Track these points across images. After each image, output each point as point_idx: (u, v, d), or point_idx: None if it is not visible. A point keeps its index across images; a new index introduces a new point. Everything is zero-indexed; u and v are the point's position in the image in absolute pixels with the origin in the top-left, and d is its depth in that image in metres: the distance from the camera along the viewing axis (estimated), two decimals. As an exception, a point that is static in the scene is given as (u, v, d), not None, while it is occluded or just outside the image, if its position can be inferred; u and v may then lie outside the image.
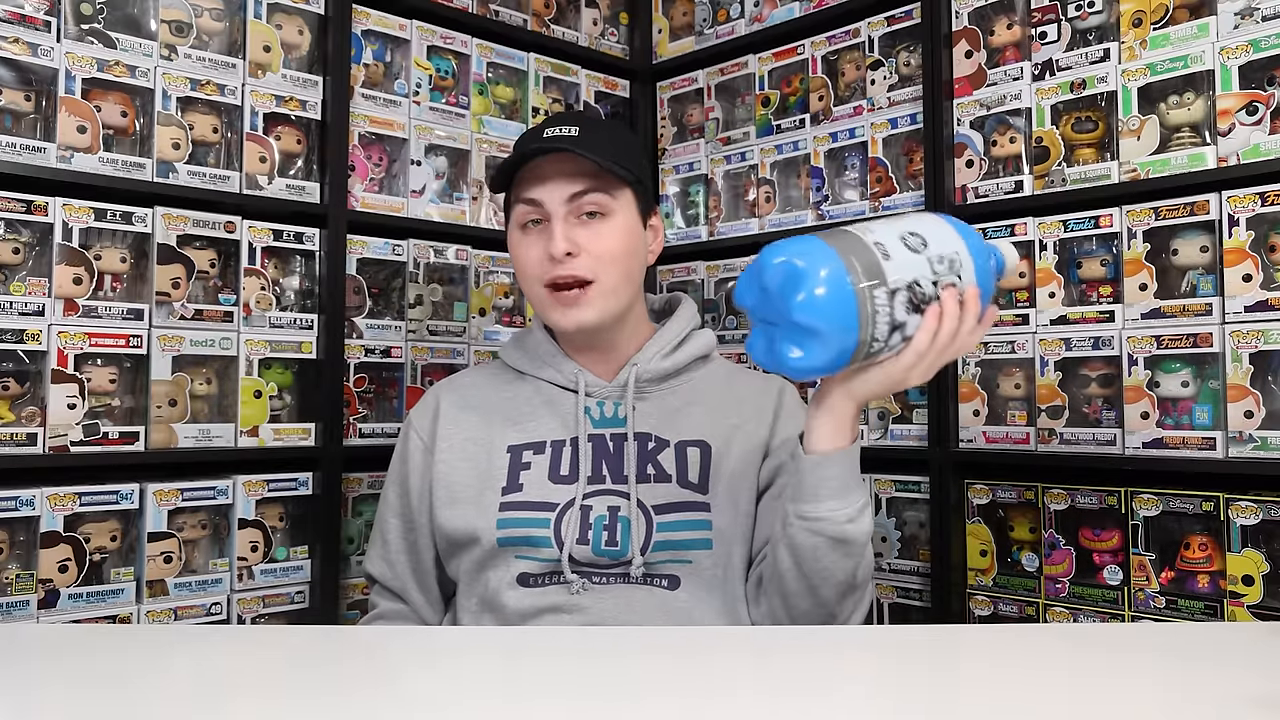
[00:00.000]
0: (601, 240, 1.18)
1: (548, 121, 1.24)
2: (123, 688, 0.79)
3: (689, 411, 1.24)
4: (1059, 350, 1.63)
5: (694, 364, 1.28)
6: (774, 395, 1.28)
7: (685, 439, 1.22)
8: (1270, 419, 1.43)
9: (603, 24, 2.24)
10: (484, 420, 1.26)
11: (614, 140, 1.22)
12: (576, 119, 1.22)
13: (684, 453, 1.22)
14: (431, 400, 1.30)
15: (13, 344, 1.45)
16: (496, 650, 0.96)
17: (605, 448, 1.21)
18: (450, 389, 1.31)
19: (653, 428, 1.23)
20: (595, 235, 1.18)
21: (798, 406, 1.28)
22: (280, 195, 1.72)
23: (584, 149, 1.16)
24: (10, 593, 1.43)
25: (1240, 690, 0.77)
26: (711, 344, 1.31)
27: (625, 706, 0.75)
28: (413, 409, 1.33)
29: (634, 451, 1.20)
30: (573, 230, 1.18)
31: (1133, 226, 1.57)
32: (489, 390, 1.29)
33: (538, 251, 1.19)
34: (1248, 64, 1.48)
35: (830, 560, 1.07)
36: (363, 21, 1.84)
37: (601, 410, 1.24)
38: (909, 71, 1.87)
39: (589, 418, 1.23)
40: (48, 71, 1.51)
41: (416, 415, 1.31)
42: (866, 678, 0.84)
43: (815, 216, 1.97)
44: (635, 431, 1.22)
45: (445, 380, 1.35)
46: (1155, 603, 1.52)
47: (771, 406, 1.26)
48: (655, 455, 1.21)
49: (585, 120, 1.22)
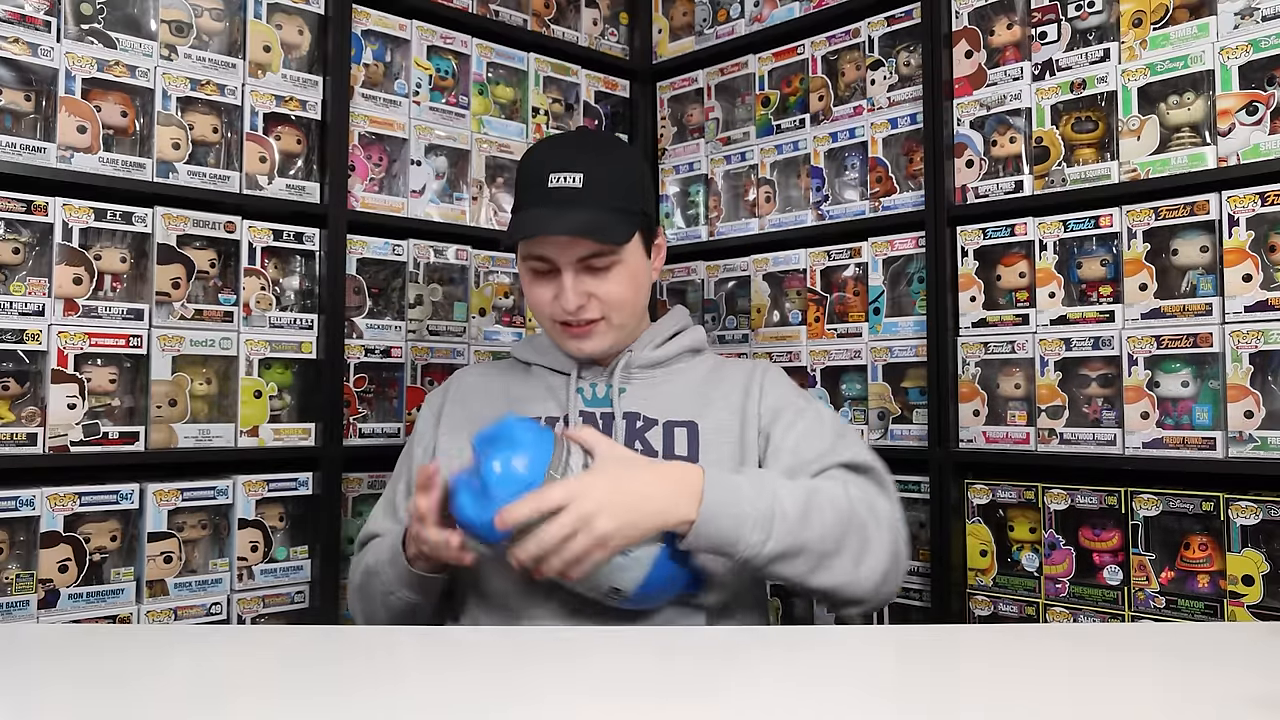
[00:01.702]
0: (610, 287, 1.24)
1: (550, 158, 1.24)
2: (123, 688, 0.79)
3: (677, 396, 1.29)
4: (1059, 350, 1.63)
5: (684, 355, 1.34)
6: (756, 373, 1.31)
7: (673, 419, 1.26)
8: (1270, 419, 1.43)
9: (603, 24, 2.24)
10: (488, 401, 1.33)
11: (618, 178, 1.24)
12: (579, 159, 1.22)
13: (671, 432, 1.26)
14: (439, 392, 1.40)
15: (13, 344, 1.45)
16: (497, 649, 0.96)
17: (595, 425, 1.26)
18: (463, 374, 1.42)
19: (641, 408, 1.27)
20: (604, 283, 1.24)
21: (780, 377, 1.32)
22: (280, 195, 1.72)
23: (590, 204, 1.20)
24: (10, 593, 1.43)
25: (1240, 690, 0.77)
26: (702, 339, 1.37)
27: (624, 707, 0.75)
28: (424, 401, 1.42)
29: (622, 429, 1.25)
30: (582, 282, 1.23)
31: (1133, 226, 1.57)
32: (497, 378, 1.37)
33: (550, 294, 1.25)
34: (1248, 64, 1.48)
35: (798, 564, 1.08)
36: (363, 21, 1.84)
37: (594, 391, 1.30)
38: (909, 71, 1.87)
39: (581, 397, 1.29)
40: (48, 71, 1.51)
41: (432, 395, 1.40)
42: (866, 677, 0.84)
43: (815, 216, 1.97)
44: (625, 411, 1.27)
45: (462, 369, 1.46)
46: (1155, 603, 1.52)
47: (758, 381, 1.30)
48: (643, 433, 1.26)
49: (588, 158, 1.23)
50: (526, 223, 1.22)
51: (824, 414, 1.29)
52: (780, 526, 1.06)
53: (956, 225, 1.76)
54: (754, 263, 2.06)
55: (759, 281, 2.05)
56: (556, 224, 1.19)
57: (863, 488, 1.17)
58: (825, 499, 1.11)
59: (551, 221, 1.20)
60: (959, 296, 1.75)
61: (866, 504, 1.14)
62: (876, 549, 1.13)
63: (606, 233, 1.20)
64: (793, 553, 1.07)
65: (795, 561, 1.08)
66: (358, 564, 1.30)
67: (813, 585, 1.10)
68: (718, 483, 1.06)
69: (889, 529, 1.15)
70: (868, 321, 1.87)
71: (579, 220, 1.19)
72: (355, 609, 1.31)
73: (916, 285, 1.84)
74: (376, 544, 1.28)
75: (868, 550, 1.12)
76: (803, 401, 1.29)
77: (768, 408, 1.26)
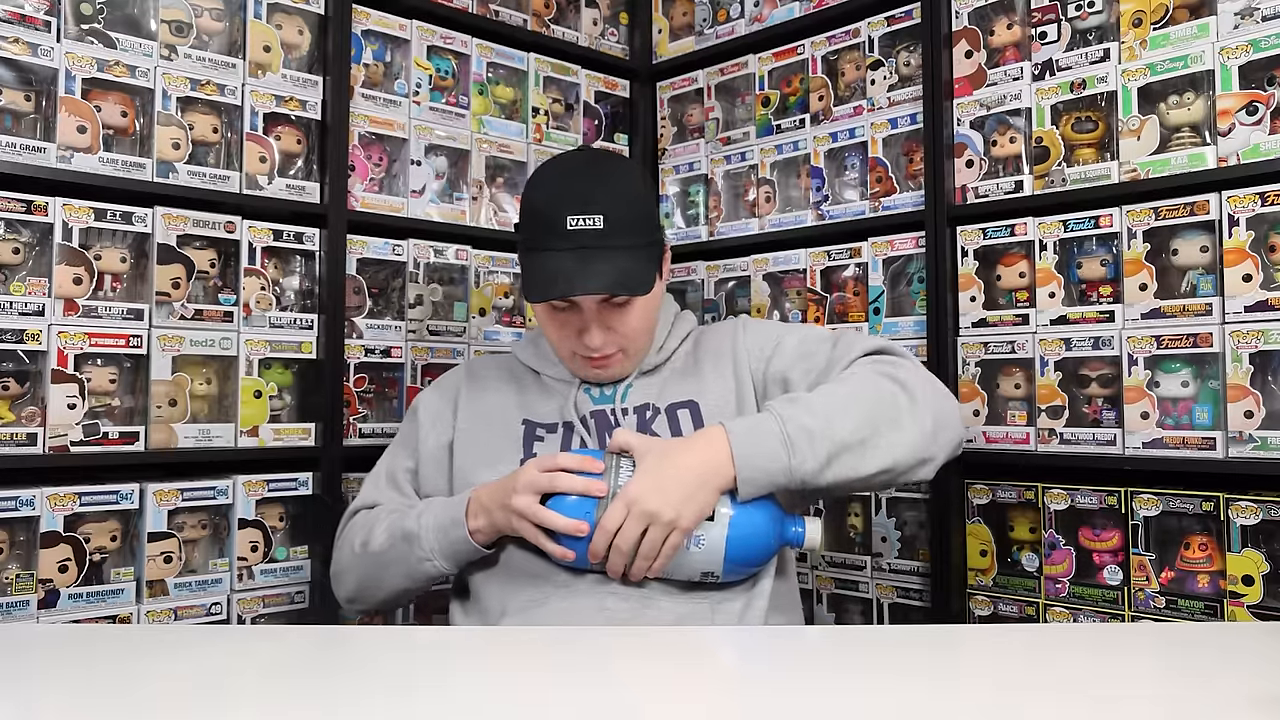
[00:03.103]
0: (630, 323, 1.26)
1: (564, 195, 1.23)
2: (123, 688, 0.79)
3: (674, 378, 1.33)
4: (1059, 350, 1.63)
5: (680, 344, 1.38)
6: (736, 333, 1.36)
7: (674, 402, 1.30)
8: (1270, 419, 1.43)
9: (603, 24, 2.24)
10: (500, 399, 1.36)
11: (636, 213, 1.24)
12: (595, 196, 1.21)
13: (674, 415, 1.29)
14: (453, 377, 1.43)
15: (13, 344, 1.45)
16: (497, 649, 0.96)
17: (607, 422, 1.29)
18: (476, 366, 1.44)
19: (649, 398, 1.31)
20: (625, 319, 1.26)
21: (757, 325, 1.38)
22: (280, 195, 1.72)
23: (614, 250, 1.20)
24: (10, 593, 1.43)
25: (1240, 690, 0.77)
26: (691, 321, 1.41)
27: (622, 707, 0.75)
28: (428, 389, 1.45)
29: (634, 422, 1.29)
30: (604, 320, 1.25)
31: (1133, 226, 1.57)
32: (506, 376, 1.40)
33: (569, 332, 1.27)
34: (1248, 64, 1.48)
35: (847, 461, 1.14)
36: (363, 21, 1.84)
37: (601, 390, 1.33)
38: (909, 71, 1.87)
39: (589, 396, 1.32)
40: (48, 71, 1.51)
41: (446, 379, 1.44)
42: (866, 677, 0.84)
43: (815, 216, 1.97)
44: (635, 405, 1.31)
45: (464, 365, 1.47)
46: (1155, 603, 1.52)
47: (742, 342, 1.34)
48: (650, 424, 1.29)
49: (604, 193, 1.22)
50: (552, 276, 1.20)
51: (814, 330, 1.35)
52: (809, 438, 1.12)
53: (956, 225, 1.76)
54: (754, 263, 2.06)
55: (759, 281, 2.05)
56: (586, 280, 1.19)
57: (880, 364, 1.22)
58: (845, 392, 1.17)
59: (579, 276, 1.19)
60: (959, 296, 1.75)
61: (888, 377, 1.18)
62: (913, 413, 1.17)
63: (636, 283, 1.21)
64: (836, 453, 1.12)
65: (843, 460, 1.13)
66: (365, 528, 1.30)
67: (869, 472, 1.15)
68: (739, 430, 1.13)
69: (920, 387, 1.19)
70: (868, 321, 1.87)
71: (606, 272, 1.19)
72: (354, 573, 1.31)
73: (916, 285, 1.84)
74: (399, 511, 1.29)
75: (904, 418, 1.16)
76: (788, 327, 1.36)
77: (755, 358, 1.32)
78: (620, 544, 1.10)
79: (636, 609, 1.16)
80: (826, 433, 1.12)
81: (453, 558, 1.23)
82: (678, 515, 1.09)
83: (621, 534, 1.10)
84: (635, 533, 1.10)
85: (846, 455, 1.13)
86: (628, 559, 1.12)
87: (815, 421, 1.13)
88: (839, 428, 1.13)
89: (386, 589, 1.29)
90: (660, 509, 1.09)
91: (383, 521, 1.28)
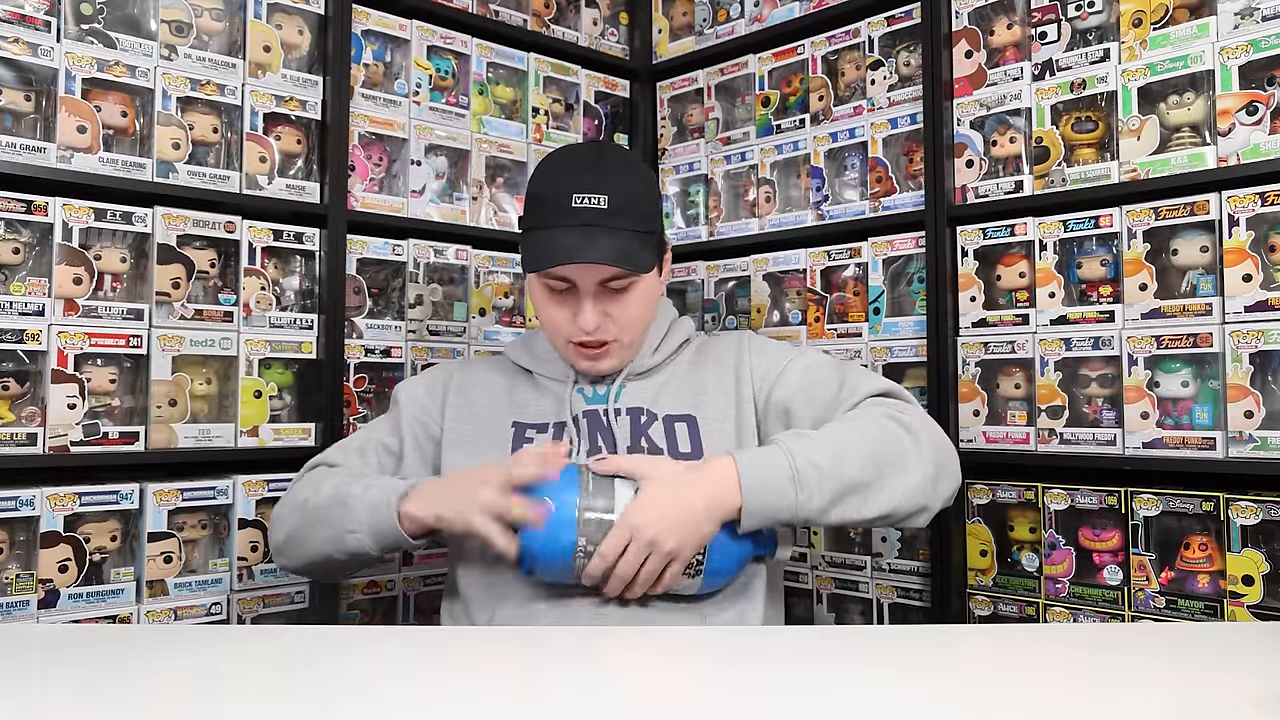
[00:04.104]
0: (628, 310, 1.26)
1: (571, 175, 1.23)
2: (123, 687, 0.79)
3: (673, 387, 1.32)
4: (1059, 350, 1.63)
5: (677, 349, 1.37)
6: (742, 350, 1.35)
7: (671, 414, 1.29)
8: (1270, 419, 1.43)
9: (603, 24, 2.24)
10: (490, 399, 1.36)
11: (640, 200, 1.25)
12: (601, 178, 1.22)
13: (672, 427, 1.28)
14: (441, 373, 1.41)
15: (13, 344, 1.45)
16: (495, 649, 0.96)
17: (600, 423, 1.29)
18: (467, 366, 1.42)
19: (643, 402, 1.30)
20: (622, 306, 1.25)
21: (763, 344, 1.36)
22: (280, 195, 1.72)
23: (616, 228, 1.20)
24: (10, 593, 1.43)
25: (1240, 690, 0.77)
26: (690, 328, 1.39)
27: (620, 707, 0.75)
28: (412, 380, 1.43)
29: (627, 424, 1.28)
30: (601, 304, 1.24)
31: (1133, 226, 1.57)
32: (499, 376, 1.39)
33: (566, 314, 1.26)
34: (1248, 64, 1.48)
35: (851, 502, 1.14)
36: (363, 21, 1.84)
37: (595, 390, 1.32)
38: (909, 71, 1.87)
39: (581, 396, 1.31)
40: (48, 71, 1.51)
41: (435, 370, 1.42)
42: (866, 677, 0.84)
43: (815, 216, 1.97)
44: (628, 408, 1.29)
45: (453, 361, 1.48)
46: (1155, 603, 1.52)
47: (746, 361, 1.33)
48: (646, 429, 1.28)
49: (610, 177, 1.23)
50: (554, 248, 1.20)
51: (819, 359, 1.34)
52: (818, 476, 1.11)
53: (956, 225, 1.76)
54: (754, 263, 2.06)
55: (759, 281, 2.05)
56: (588, 251, 1.19)
57: (885, 406, 1.22)
58: (852, 433, 1.17)
59: (581, 247, 1.19)
60: (959, 296, 1.75)
61: (894, 420, 1.18)
62: (918, 458, 1.17)
63: (636, 261, 1.21)
64: (842, 494, 1.12)
65: (848, 501, 1.13)
66: (315, 483, 1.29)
67: (871, 515, 1.16)
68: (750, 463, 1.13)
69: (924, 432, 1.20)
70: (868, 321, 1.87)
71: (609, 247, 1.19)
72: (288, 522, 1.29)
73: (916, 285, 1.84)
74: (353, 476, 1.27)
75: (909, 462, 1.17)
76: (794, 353, 1.34)
77: (759, 379, 1.31)
78: (620, 572, 1.10)
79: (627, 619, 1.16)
80: (835, 472, 1.12)
81: (378, 538, 1.20)
82: (679, 546, 1.10)
83: (623, 562, 1.10)
84: (636, 562, 1.10)
85: (852, 497, 1.13)
86: (625, 584, 1.12)
87: (824, 460, 1.12)
88: (847, 468, 1.13)
89: (310, 549, 1.26)
90: (662, 539, 1.09)
91: (332, 479, 1.27)
